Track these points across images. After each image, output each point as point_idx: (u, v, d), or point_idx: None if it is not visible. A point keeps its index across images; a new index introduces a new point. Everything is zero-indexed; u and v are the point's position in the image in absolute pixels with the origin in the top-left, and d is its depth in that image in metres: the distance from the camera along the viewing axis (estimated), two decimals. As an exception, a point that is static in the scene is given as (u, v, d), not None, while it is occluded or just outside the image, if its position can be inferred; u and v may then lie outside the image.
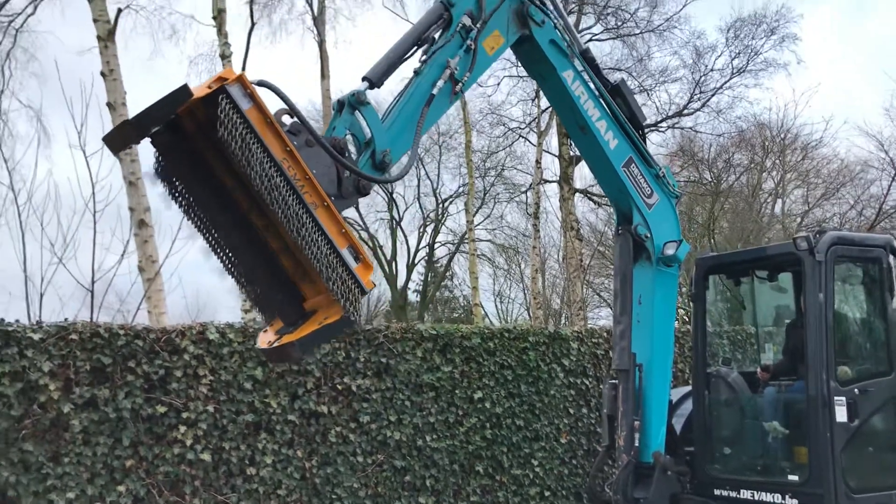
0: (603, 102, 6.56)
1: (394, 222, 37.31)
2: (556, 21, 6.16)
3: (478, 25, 5.47)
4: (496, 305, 39.89)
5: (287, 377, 7.86)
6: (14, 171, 11.67)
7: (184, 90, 3.70)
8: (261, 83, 4.00)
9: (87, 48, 16.18)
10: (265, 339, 4.55)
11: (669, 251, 6.94)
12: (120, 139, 3.87)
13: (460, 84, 5.33)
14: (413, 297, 39.98)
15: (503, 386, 9.24)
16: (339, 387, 8.16)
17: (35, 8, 17.61)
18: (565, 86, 6.30)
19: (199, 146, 4.08)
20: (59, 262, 8.86)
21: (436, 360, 8.78)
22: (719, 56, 23.82)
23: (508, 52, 6.32)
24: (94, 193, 9.83)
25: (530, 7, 5.93)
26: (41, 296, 8.78)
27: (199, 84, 3.96)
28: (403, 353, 8.58)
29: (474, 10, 5.52)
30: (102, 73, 15.87)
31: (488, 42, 5.65)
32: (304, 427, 7.90)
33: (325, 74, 20.88)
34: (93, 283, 9.02)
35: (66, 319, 7.00)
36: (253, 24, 20.49)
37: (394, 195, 37.16)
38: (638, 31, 23.72)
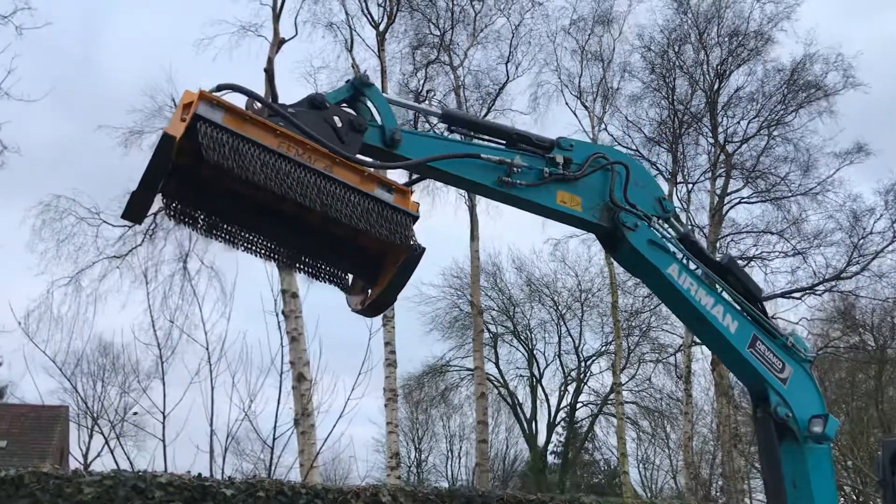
0: (714, 285, 6.15)
1: (534, 380, 37.08)
2: (650, 219, 5.77)
3: (565, 173, 5.26)
4: (640, 472, 38.10)
5: (454, 545, 7.88)
6: (196, 329, 12.69)
7: (166, 138, 3.82)
8: (220, 87, 4.07)
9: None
10: (356, 302, 4.57)
11: (817, 428, 6.47)
12: (137, 209, 3.96)
13: (510, 181, 5.06)
14: (551, 459, 38.93)
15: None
16: (503, 558, 8.07)
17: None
18: (672, 282, 5.92)
19: (203, 172, 4.07)
20: (245, 416, 9.47)
21: (602, 536, 8.55)
22: (878, 219, 23.16)
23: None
24: (283, 354, 10.55)
25: (621, 214, 5.53)
26: (224, 450, 9.35)
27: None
28: (568, 526, 8.43)
29: (574, 166, 5.32)
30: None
31: (563, 195, 5.33)
32: None
33: (474, 236, 21.83)
34: (273, 439, 9.54)
35: (254, 476, 7.42)
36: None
37: (534, 351, 37.17)
38: (790, 195, 23.54)
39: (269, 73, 18.47)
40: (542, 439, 36.77)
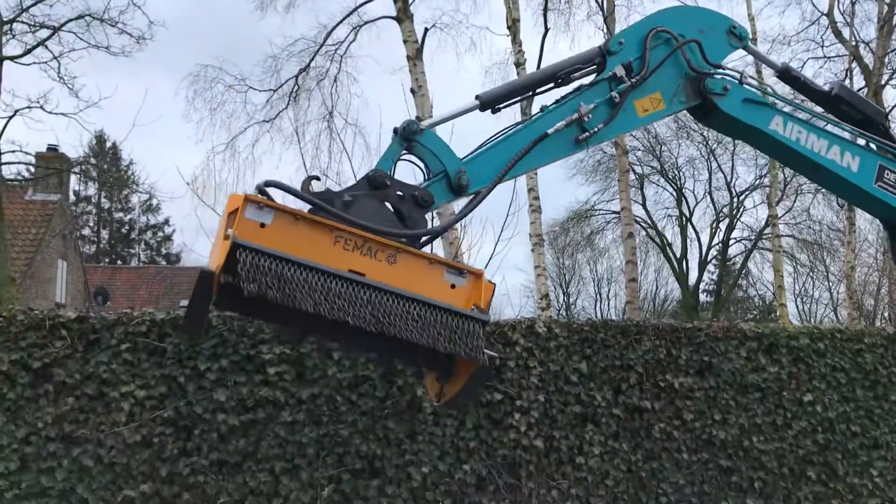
0: (826, 124, 5.62)
1: (683, 219, 36.32)
2: (741, 75, 5.20)
3: (633, 80, 4.78)
4: (797, 306, 37.23)
5: (611, 372, 8.09)
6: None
7: (205, 276, 3.56)
8: (267, 184, 3.78)
9: (398, 67, 17.89)
10: (432, 389, 4.53)
11: None
12: (194, 329, 3.88)
13: (588, 134, 4.67)
14: (703, 297, 38.58)
15: (836, 389, 8.72)
16: (662, 384, 8.21)
17: (356, 35, 19.72)
18: (777, 138, 5.37)
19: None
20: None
21: (761, 361, 8.51)
22: None
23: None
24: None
25: (707, 81, 5.05)
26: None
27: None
28: (726, 353, 8.43)
29: (635, 64, 4.83)
30: (412, 90, 17.33)
31: (643, 103, 4.88)
32: (628, 421, 8.07)
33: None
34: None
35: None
36: (546, 31, 20.99)
37: (683, 190, 36.17)
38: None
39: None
40: (693, 278, 36.44)
